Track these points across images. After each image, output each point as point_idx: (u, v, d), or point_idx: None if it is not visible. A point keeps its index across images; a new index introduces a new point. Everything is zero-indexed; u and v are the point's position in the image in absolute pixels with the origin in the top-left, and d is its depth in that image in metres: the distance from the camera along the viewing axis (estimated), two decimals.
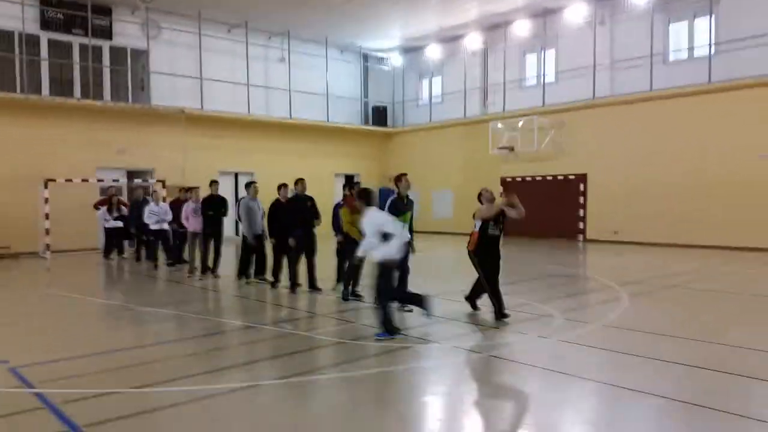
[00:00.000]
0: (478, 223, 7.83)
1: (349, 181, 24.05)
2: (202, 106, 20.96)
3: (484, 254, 7.80)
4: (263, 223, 10.96)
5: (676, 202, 17.78)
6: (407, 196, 8.08)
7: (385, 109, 27.16)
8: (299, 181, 10.01)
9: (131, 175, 19.82)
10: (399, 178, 8.09)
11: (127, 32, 20.18)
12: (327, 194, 24.31)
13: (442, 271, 13.40)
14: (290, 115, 23.20)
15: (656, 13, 18.49)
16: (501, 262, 7.95)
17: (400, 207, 7.88)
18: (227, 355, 6.40)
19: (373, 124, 26.84)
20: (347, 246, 9.11)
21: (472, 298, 8.20)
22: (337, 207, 9.74)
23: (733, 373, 5.29)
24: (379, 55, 26.88)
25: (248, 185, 11.44)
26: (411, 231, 8.16)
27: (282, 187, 10.48)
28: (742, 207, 16.49)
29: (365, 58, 26.90)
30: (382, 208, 7.44)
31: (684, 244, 17.36)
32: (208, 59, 21.51)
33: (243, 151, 22.14)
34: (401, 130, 26.96)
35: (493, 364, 5.92)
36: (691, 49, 18.25)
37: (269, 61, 23.50)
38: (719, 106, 16.92)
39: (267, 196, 10.98)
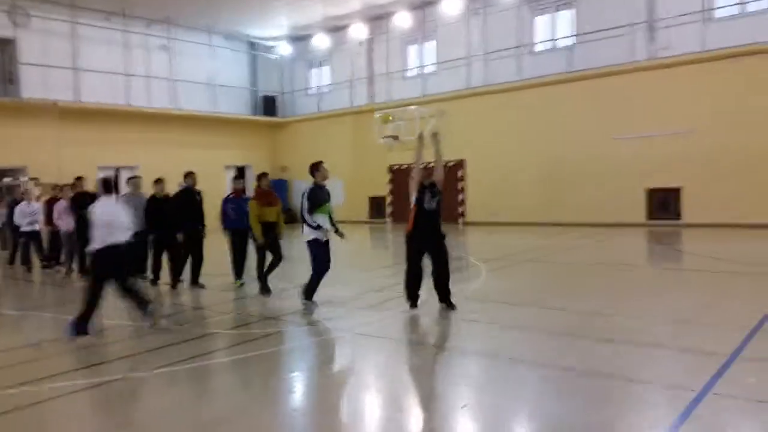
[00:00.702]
0: (413, 196, 7.19)
1: (240, 172, 23.97)
2: (79, 99, 20.09)
3: (420, 236, 7.13)
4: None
5: (547, 183, 19.36)
6: (324, 186, 7.78)
7: (274, 98, 27.17)
8: (189, 175, 9.93)
9: (1, 173, 18.71)
10: (316, 167, 7.70)
11: None
12: (218, 187, 24.13)
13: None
14: (174, 106, 22.72)
15: (523, 6, 19.91)
16: (447, 249, 7.33)
17: (319, 196, 7.59)
18: (101, 351, 6.54)
19: (263, 113, 26.80)
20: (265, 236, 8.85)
21: (411, 295, 7.40)
22: (226, 201, 9.67)
23: (559, 333, 6.20)
24: (267, 43, 26.81)
25: (129, 180, 11.24)
26: (332, 220, 7.89)
27: (158, 181, 10.38)
28: (602, 186, 18.29)
29: (253, 46, 26.74)
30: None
31: (553, 223, 18.96)
32: (84, 48, 20.64)
33: (125, 145, 21.43)
34: (291, 120, 27.11)
35: (359, 340, 6.50)
36: (554, 40, 19.84)
37: (150, 50, 22.84)
38: (581, 93, 18.58)
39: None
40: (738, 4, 16.71)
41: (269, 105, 27.00)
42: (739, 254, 11.56)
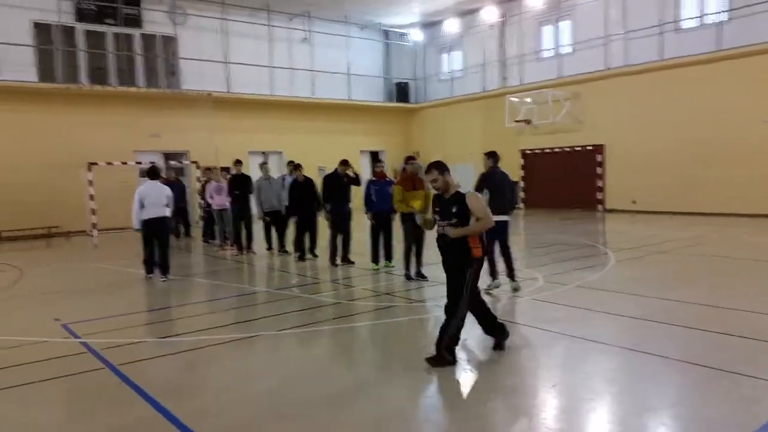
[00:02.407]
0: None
1: (375, 157, 24.91)
2: (230, 89, 22.03)
3: None
4: (280, 200, 11.77)
5: (693, 170, 18.02)
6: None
7: (406, 85, 27.75)
8: (344, 162, 10.66)
9: (167, 157, 21.11)
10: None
11: (156, 20, 21.27)
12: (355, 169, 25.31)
13: None
14: (313, 94, 24.10)
15: None
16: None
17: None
18: (252, 312, 7.45)
19: (396, 100, 27.51)
20: (404, 223, 8.86)
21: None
22: (369, 184, 9.84)
23: (676, 324, 6.06)
24: (400, 31, 27.40)
25: (261, 165, 12.38)
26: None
27: (298, 167, 11.33)
28: (753, 173, 16.72)
29: (386, 34, 27.48)
30: None
31: (697, 212, 17.67)
32: (233, 43, 22.52)
33: (270, 132, 23.13)
34: (423, 106, 27.56)
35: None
36: (701, 16, 18.32)
37: (292, 42, 24.34)
38: (730, 73, 17.06)
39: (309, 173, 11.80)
40: None
41: (402, 91, 27.63)
42: None
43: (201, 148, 21.11)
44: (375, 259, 9.90)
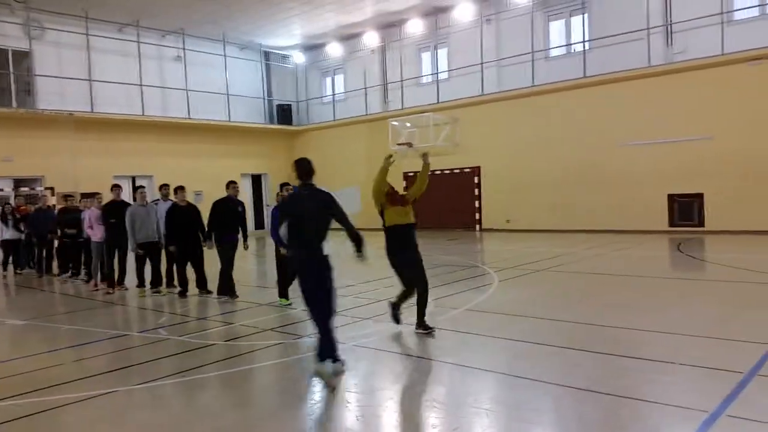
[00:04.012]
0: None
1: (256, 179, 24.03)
2: (94, 109, 20.29)
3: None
4: (158, 230, 10.58)
5: (564, 190, 19.01)
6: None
7: (289, 107, 27.21)
8: (230, 184, 9.72)
9: (18, 183, 18.93)
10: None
11: (7, 33, 19.20)
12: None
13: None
14: (188, 115, 22.85)
15: (536, 11, 19.69)
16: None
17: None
18: (114, 361, 6.46)
19: (278, 122, 26.84)
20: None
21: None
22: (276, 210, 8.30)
23: (565, 348, 5.97)
24: (281, 52, 26.89)
25: (137, 190, 11.18)
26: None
27: (180, 189, 10.27)
28: (621, 192, 17.91)
29: (266, 55, 26.83)
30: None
31: (571, 230, 18.59)
32: (99, 60, 20.86)
33: (140, 155, 21.54)
34: (306, 128, 27.12)
35: (358, 352, 6.33)
36: (568, 45, 19.54)
37: (164, 61, 23.01)
38: (595, 98, 18.26)
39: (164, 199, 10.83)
40: (759, 5, 16.30)
41: (285, 114, 27.04)
42: (763, 263, 11.16)
43: (59, 173, 19.16)
44: (285, 294, 8.78)
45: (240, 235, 9.65)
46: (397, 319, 6.95)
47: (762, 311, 7.31)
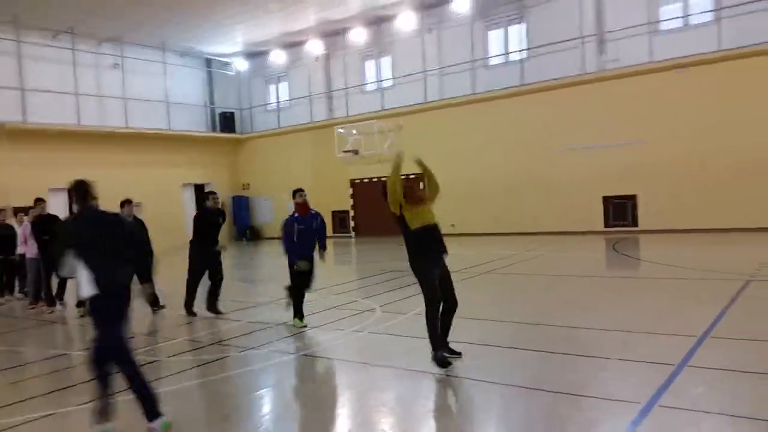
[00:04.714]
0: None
1: (199, 189, 23.50)
2: (25, 119, 19.48)
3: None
4: None
5: (505, 194, 19.53)
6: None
7: (232, 115, 26.84)
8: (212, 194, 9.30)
9: None
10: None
11: None
12: (176, 205, 23.73)
13: None
14: (127, 124, 22.24)
15: (476, 21, 20.20)
16: None
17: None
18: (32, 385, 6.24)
19: (221, 130, 26.45)
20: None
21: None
22: (292, 222, 7.74)
23: (506, 347, 6.17)
24: (223, 60, 26.52)
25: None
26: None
27: (127, 203, 9.83)
28: (559, 195, 18.54)
29: (208, 63, 26.42)
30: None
31: (510, 233, 19.10)
32: (31, 68, 20.04)
33: (77, 165, 20.69)
34: (251, 136, 26.84)
35: (305, 362, 6.35)
36: (506, 54, 20.13)
37: (101, 69, 22.32)
38: (532, 105, 18.85)
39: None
40: (682, 17, 17.24)
41: (228, 122, 26.66)
42: (693, 260, 11.81)
43: None
44: (300, 315, 7.82)
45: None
46: (445, 362, 5.43)
47: (692, 306, 7.74)
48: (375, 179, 22.59)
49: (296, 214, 7.80)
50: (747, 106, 15.76)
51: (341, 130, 21.53)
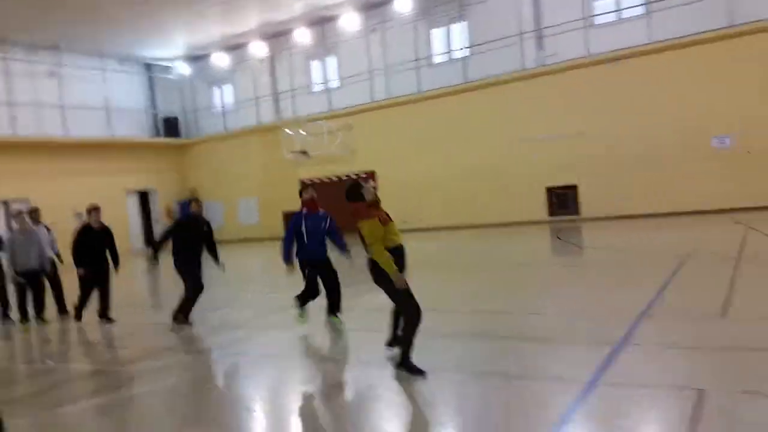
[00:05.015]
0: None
1: (143, 196, 22.98)
2: None
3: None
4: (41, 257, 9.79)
5: (453, 189, 19.92)
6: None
7: (176, 119, 26.35)
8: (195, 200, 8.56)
9: None
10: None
11: None
12: (120, 212, 23.13)
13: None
14: (66, 133, 21.55)
15: (419, 20, 20.49)
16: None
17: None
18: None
19: (165, 135, 25.93)
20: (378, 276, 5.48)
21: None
22: (300, 219, 7.34)
23: (452, 335, 6.38)
24: (164, 64, 26.00)
25: (16, 215, 10.40)
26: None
27: (94, 210, 9.48)
28: (505, 187, 19.05)
29: (149, 67, 25.85)
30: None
31: (460, 226, 19.51)
32: None
33: (13, 177, 19.97)
34: (196, 141, 26.43)
35: (260, 362, 6.40)
36: (449, 52, 20.51)
37: (36, 77, 21.54)
38: (477, 101, 19.29)
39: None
40: (614, 11, 17.96)
41: (171, 126, 26.16)
42: (632, 244, 12.37)
43: None
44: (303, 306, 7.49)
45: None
46: (416, 369, 5.12)
47: (631, 287, 8.15)
48: (326, 179, 22.66)
49: (304, 210, 7.33)
50: (677, 96, 16.57)
51: (289, 132, 21.44)
